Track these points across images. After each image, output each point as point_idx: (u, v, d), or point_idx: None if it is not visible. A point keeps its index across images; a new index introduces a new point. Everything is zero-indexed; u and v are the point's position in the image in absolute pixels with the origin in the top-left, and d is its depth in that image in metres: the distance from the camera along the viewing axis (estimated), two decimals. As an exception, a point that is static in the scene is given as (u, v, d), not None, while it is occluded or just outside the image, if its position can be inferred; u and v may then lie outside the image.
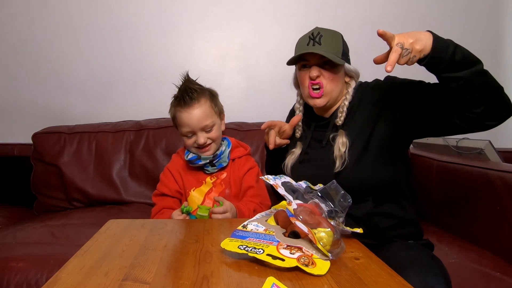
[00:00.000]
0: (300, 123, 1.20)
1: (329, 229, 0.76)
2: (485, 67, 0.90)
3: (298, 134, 1.20)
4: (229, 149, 1.33)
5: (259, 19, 2.16)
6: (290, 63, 1.11)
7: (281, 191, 0.85)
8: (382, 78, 1.11)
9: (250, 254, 0.73)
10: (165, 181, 1.32)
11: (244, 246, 0.75)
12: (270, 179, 0.89)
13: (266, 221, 0.86)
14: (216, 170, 1.31)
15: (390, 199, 1.08)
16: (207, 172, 1.30)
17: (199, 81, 1.31)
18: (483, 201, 1.36)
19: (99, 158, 1.92)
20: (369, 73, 1.14)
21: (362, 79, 1.16)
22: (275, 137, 1.17)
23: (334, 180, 0.86)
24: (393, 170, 1.08)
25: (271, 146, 1.17)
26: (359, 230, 0.84)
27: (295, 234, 0.79)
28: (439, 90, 0.96)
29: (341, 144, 1.06)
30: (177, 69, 1.37)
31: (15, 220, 1.78)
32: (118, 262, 0.75)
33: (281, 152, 1.22)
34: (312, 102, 1.11)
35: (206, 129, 1.24)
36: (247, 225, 0.84)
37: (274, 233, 0.79)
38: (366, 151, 1.06)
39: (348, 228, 0.84)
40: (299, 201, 0.83)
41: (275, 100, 2.08)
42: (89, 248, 0.84)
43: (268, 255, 0.71)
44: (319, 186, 0.91)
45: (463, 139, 1.63)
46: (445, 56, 0.87)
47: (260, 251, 0.72)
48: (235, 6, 2.15)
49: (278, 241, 0.76)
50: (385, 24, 2.09)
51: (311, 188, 0.91)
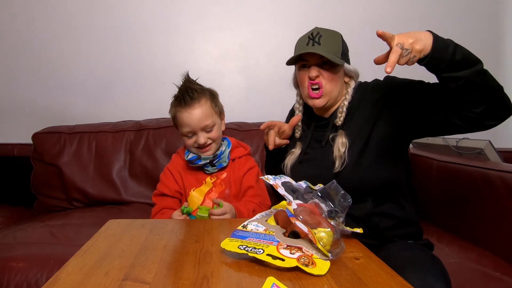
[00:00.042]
0: (300, 123, 1.20)
1: (329, 229, 0.76)
2: (485, 67, 0.90)
3: (297, 134, 1.20)
4: (229, 149, 1.33)
5: (259, 19, 2.16)
6: (289, 63, 1.11)
7: (281, 191, 0.85)
8: (382, 78, 1.11)
9: (250, 254, 0.73)
10: (165, 181, 1.32)
11: (244, 246, 0.75)
12: (270, 179, 0.89)
13: (266, 221, 0.86)
14: (216, 170, 1.30)
15: (390, 199, 1.08)
16: (207, 172, 1.30)
17: (199, 81, 1.31)
18: (483, 201, 1.36)
19: (99, 158, 1.92)
20: (369, 73, 1.14)
21: (362, 79, 1.16)
22: (275, 137, 1.17)
23: (334, 180, 0.86)
24: (393, 170, 1.08)
25: (270, 147, 1.17)
26: (359, 230, 0.84)
27: (295, 234, 0.79)
28: (438, 90, 0.96)
29: (340, 144, 1.06)
30: (177, 69, 1.37)
31: (15, 220, 1.78)
32: (118, 262, 0.75)
33: (280, 152, 1.22)
34: (311, 103, 1.11)
35: (207, 129, 1.24)
36: (247, 225, 0.84)
37: (274, 233, 0.79)
38: (366, 151, 1.06)
39: (348, 228, 0.84)
40: (299, 201, 0.83)
41: (275, 100, 2.08)
42: (89, 248, 0.84)
43: (268, 255, 0.71)
44: (319, 186, 0.91)
45: (463, 139, 1.63)
46: (445, 56, 0.87)
47: (260, 251, 0.72)
48: (235, 6, 2.15)
49: (278, 241, 0.76)
50: (385, 24, 2.09)
51: (311, 188, 0.91)
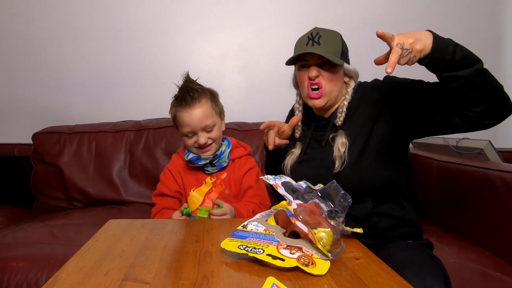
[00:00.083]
0: (300, 123, 1.20)
1: (329, 229, 0.76)
2: (484, 67, 0.90)
3: (297, 134, 1.20)
4: (229, 149, 1.33)
5: (259, 19, 2.16)
6: (289, 63, 1.11)
7: (281, 191, 0.85)
8: (381, 78, 1.11)
9: (250, 254, 0.73)
10: (165, 181, 1.32)
11: (244, 246, 0.75)
12: (270, 179, 0.89)
13: (266, 221, 0.86)
14: (216, 170, 1.30)
15: (390, 199, 1.08)
16: (207, 172, 1.30)
17: (199, 81, 1.31)
18: (483, 201, 1.36)
19: (99, 158, 1.92)
20: (369, 73, 1.14)
21: (362, 79, 1.16)
22: (275, 138, 1.17)
23: (334, 180, 0.86)
24: (393, 170, 1.08)
25: (270, 147, 1.17)
26: (359, 230, 0.84)
27: (295, 234, 0.79)
28: (438, 89, 0.96)
29: (340, 144, 1.06)
30: (177, 69, 1.37)
31: (15, 220, 1.78)
32: (118, 262, 0.75)
33: (280, 153, 1.22)
34: (311, 103, 1.11)
35: (207, 129, 1.24)
36: (247, 225, 0.84)
37: (274, 233, 0.79)
38: (366, 151, 1.06)
39: (348, 228, 0.84)
40: (299, 201, 0.83)
41: (275, 100, 2.08)
42: (89, 248, 0.84)
43: (268, 255, 0.71)
44: (319, 186, 0.91)
45: (463, 139, 1.63)
46: (445, 55, 0.87)
47: (260, 251, 0.72)
48: (235, 6, 2.15)
49: (278, 241, 0.76)
50: (385, 24, 2.09)
51: (311, 188, 0.91)
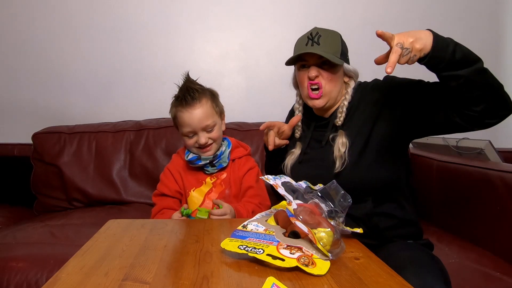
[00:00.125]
0: (300, 123, 1.20)
1: (329, 229, 0.76)
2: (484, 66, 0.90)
3: (297, 134, 1.20)
4: (229, 149, 1.33)
5: (259, 19, 2.16)
6: (288, 63, 1.11)
7: (281, 191, 0.85)
8: (381, 78, 1.11)
9: (250, 254, 0.73)
10: (165, 181, 1.32)
11: (244, 246, 0.75)
12: (270, 179, 0.89)
13: (266, 221, 0.86)
14: (216, 171, 1.30)
15: (390, 199, 1.08)
16: (207, 172, 1.30)
17: (199, 81, 1.31)
18: (483, 201, 1.36)
19: (99, 158, 1.92)
20: (369, 73, 1.14)
21: (362, 79, 1.16)
22: (274, 138, 1.17)
23: (334, 180, 0.86)
24: (393, 170, 1.08)
25: (270, 147, 1.17)
26: (359, 230, 0.84)
27: (295, 234, 0.79)
28: (438, 89, 0.96)
29: (341, 144, 1.06)
30: (177, 69, 1.37)
31: (15, 220, 1.78)
32: (118, 262, 0.75)
33: (280, 153, 1.22)
34: (311, 103, 1.10)
35: (208, 129, 1.24)
36: (247, 225, 0.84)
37: (274, 233, 0.79)
38: (366, 151, 1.06)
39: (348, 228, 0.84)
40: (299, 201, 0.83)
41: (275, 100, 2.08)
42: (89, 248, 0.84)
43: (268, 255, 0.71)
44: (319, 186, 0.91)
45: (463, 139, 1.63)
46: (445, 55, 0.87)
47: (260, 251, 0.72)
48: (235, 6, 2.15)
49: (278, 241, 0.76)
50: (385, 24, 2.09)
51: (311, 188, 0.91)
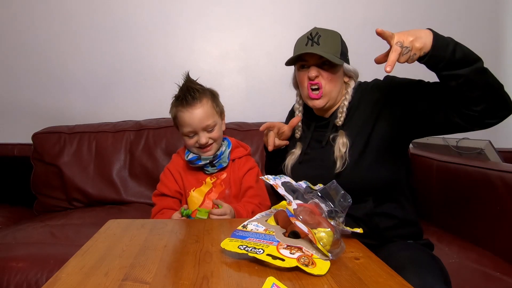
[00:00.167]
0: (300, 124, 1.20)
1: (329, 229, 0.76)
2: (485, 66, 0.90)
3: (297, 135, 1.20)
4: (229, 149, 1.33)
5: (259, 19, 2.16)
6: (288, 63, 1.11)
7: (281, 191, 0.85)
8: (382, 78, 1.11)
9: (250, 254, 0.73)
10: (165, 181, 1.32)
11: (244, 246, 0.75)
12: (270, 179, 0.89)
13: (266, 221, 0.86)
14: (216, 171, 1.30)
15: (390, 199, 1.08)
16: (207, 172, 1.30)
17: (199, 81, 1.31)
18: (483, 201, 1.36)
19: (99, 158, 1.92)
20: (369, 73, 1.14)
21: (362, 79, 1.16)
22: (274, 138, 1.17)
23: (334, 180, 0.86)
24: (393, 170, 1.08)
25: (270, 148, 1.16)
26: (359, 230, 0.84)
27: (295, 234, 0.79)
28: (438, 89, 0.96)
29: (341, 144, 1.06)
30: (177, 69, 1.37)
31: (15, 220, 1.78)
32: (118, 262, 0.75)
33: (280, 153, 1.22)
34: (311, 103, 1.10)
35: (208, 129, 1.24)
36: (247, 225, 0.84)
37: (274, 233, 0.79)
38: (366, 151, 1.06)
39: (348, 228, 0.84)
40: (299, 201, 0.83)
41: (275, 100, 2.08)
42: (89, 248, 0.84)
43: (268, 255, 0.71)
44: (319, 186, 0.91)
45: (463, 139, 1.63)
46: (445, 54, 0.87)
47: (260, 251, 0.72)
48: (235, 6, 2.15)
49: (278, 241, 0.76)
50: (385, 24, 2.07)
51: (311, 188, 0.91)
